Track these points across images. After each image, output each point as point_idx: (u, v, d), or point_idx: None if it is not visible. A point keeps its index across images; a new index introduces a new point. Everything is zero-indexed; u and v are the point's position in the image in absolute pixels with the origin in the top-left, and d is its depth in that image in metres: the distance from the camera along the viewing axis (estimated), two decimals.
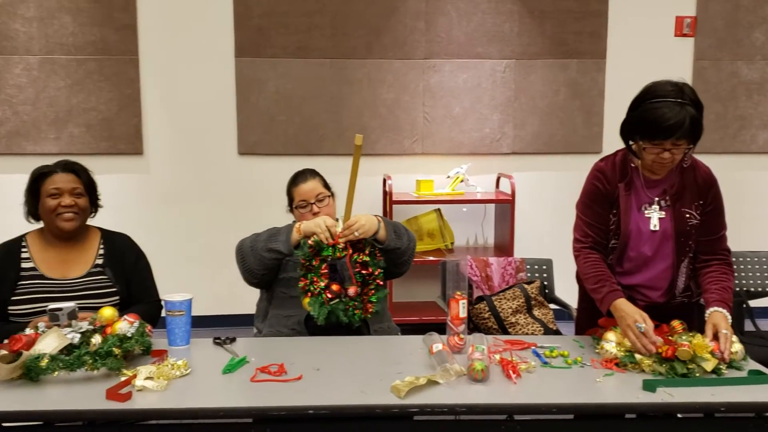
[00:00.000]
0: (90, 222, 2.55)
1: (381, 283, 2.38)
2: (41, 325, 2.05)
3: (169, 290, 2.45)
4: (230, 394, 1.85)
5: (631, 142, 2.26)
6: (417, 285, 4.61)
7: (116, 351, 1.92)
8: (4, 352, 1.89)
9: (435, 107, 4.64)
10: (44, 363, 1.85)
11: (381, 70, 4.58)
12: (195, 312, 2.27)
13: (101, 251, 2.49)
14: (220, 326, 3.96)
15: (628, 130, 2.24)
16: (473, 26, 4.60)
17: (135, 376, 1.86)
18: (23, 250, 2.43)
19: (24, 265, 2.40)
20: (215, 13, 4.49)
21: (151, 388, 1.82)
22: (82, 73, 4.43)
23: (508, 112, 4.68)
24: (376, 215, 2.47)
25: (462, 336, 2.14)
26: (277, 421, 1.77)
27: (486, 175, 4.70)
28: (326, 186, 2.71)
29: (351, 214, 2.39)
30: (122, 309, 2.45)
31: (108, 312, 2.07)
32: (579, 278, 2.49)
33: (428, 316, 4.31)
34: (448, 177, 4.53)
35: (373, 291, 2.36)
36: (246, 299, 3.24)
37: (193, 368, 1.99)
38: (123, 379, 1.86)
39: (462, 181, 4.51)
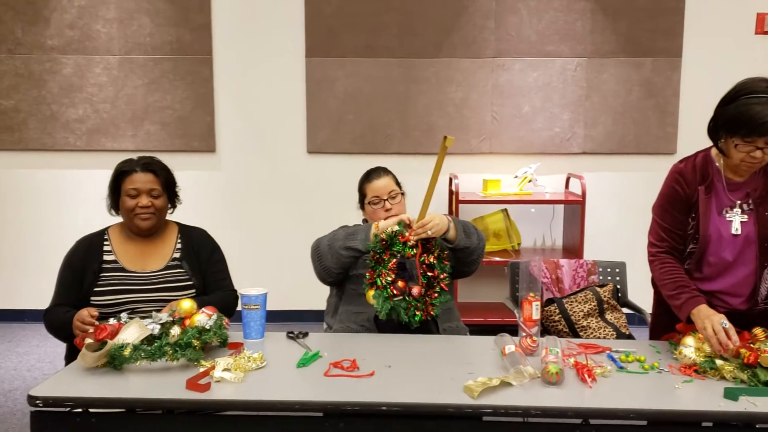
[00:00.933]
0: (168, 217, 2.63)
1: (446, 288, 2.38)
2: (123, 315, 2.13)
3: (238, 285, 2.50)
4: (305, 388, 1.88)
5: (719, 141, 2.19)
6: (482, 286, 4.58)
7: (195, 343, 1.97)
8: (90, 340, 1.97)
9: (504, 106, 4.60)
10: (127, 352, 1.92)
11: (449, 68, 4.56)
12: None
13: (178, 245, 2.56)
14: (289, 321, 4.02)
15: (717, 126, 2.17)
16: (544, 24, 4.53)
17: (213, 367, 1.91)
18: (105, 242, 2.51)
19: (106, 257, 2.48)
20: (287, 13, 4.57)
21: (228, 379, 1.87)
22: (159, 72, 4.58)
23: (579, 112, 4.60)
24: (446, 214, 2.47)
25: (535, 338, 2.12)
26: (350, 416, 1.78)
27: (555, 175, 4.63)
28: (398, 184, 2.73)
29: (426, 213, 2.40)
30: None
31: (187, 304, 2.13)
32: (655, 283, 2.42)
33: (493, 317, 4.29)
34: (516, 177, 4.48)
35: (436, 294, 2.36)
36: (314, 295, 3.29)
37: (268, 361, 2.03)
38: (202, 370, 1.91)
39: (530, 181, 4.45)
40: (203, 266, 2.56)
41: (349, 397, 1.78)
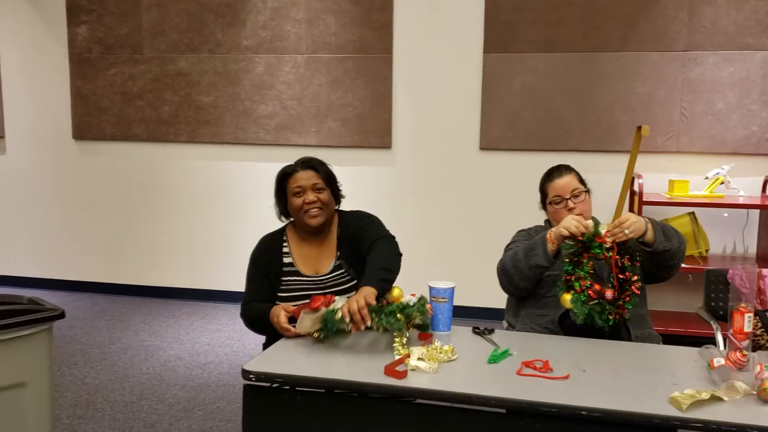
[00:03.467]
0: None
1: (637, 291, 2.27)
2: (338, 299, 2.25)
3: (411, 279, 2.51)
4: (498, 384, 1.87)
5: None
6: (664, 293, 4.33)
7: (399, 315, 2.04)
8: (308, 309, 2.12)
9: (694, 102, 4.32)
10: (338, 316, 2.04)
11: (636, 63, 4.36)
12: None
13: (337, 241, 2.54)
14: (464, 317, 4.05)
15: None
16: (744, 15, 4.19)
17: (408, 355, 1.97)
18: (284, 244, 2.56)
19: (285, 259, 2.52)
20: (466, 10, 4.58)
21: (423, 368, 1.92)
22: (341, 70, 4.77)
23: None
24: (644, 217, 2.36)
25: (745, 352, 1.97)
26: (546, 417, 1.76)
27: (751, 177, 4.28)
28: (582, 182, 2.64)
29: (621, 213, 2.31)
30: None
31: (396, 291, 2.24)
32: None
33: (675, 326, 4.05)
34: (707, 178, 4.19)
35: (628, 297, 2.26)
36: (488, 292, 3.27)
37: (458, 354, 2.05)
38: (397, 357, 1.98)
39: (722, 183, 4.15)
40: (356, 244, 2.50)
41: (545, 397, 1.76)
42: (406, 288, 2.31)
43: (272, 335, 2.36)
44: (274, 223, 2.69)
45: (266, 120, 4.91)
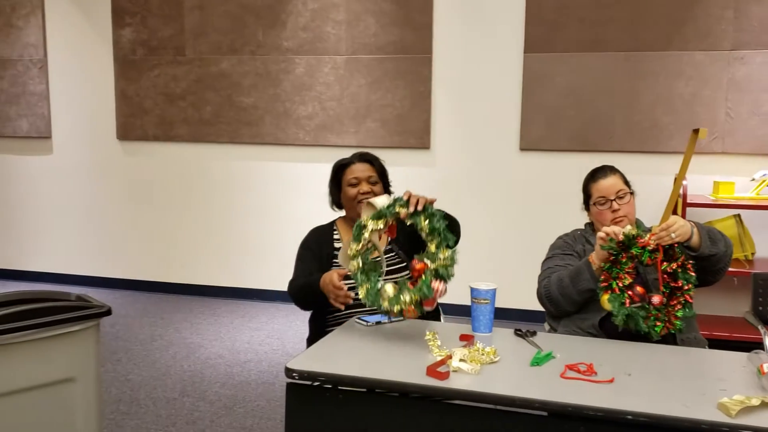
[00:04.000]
0: None
1: (690, 299, 2.23)
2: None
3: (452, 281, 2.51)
4: (541, 387, 1.86)
5: None
6: (705, 297, 4.24)
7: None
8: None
9: (740, 102, 4.22)
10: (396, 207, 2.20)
11: (680, 62, 4.28)
12: None
13: None
14: (503, 319, 4.02)
15: None
16: None
17: (450, 356, 1.97)
18: (335, 232, 2.68)
19: (336, 245, 2.63)
20: (507, 10, 4.56)
21: (465, 370, 1.91)
22: (381, 71, 4.78)
23: None
24: (689, 221, 2.32)
25: None
26: (590, 420, 1.74)
27: None
28: (626, 183, 2.61)
29: (669, 216, 2.27)
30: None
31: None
32: None
33: (720, 330, 3.97)
34: (753, 180, 4.10)
35: (679, 306, 2.22)
36: (526, 294, 3.25)
37: (500, 356, 2.04)
38: (439, 358, 1.97)
39: None
40: (412, 225, 2.60)
41: (589, 401, 1.74)
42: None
43: (315, 312, 2.50)
44: (314, 222, 2.76)
45: (306, 121, 4.95)
